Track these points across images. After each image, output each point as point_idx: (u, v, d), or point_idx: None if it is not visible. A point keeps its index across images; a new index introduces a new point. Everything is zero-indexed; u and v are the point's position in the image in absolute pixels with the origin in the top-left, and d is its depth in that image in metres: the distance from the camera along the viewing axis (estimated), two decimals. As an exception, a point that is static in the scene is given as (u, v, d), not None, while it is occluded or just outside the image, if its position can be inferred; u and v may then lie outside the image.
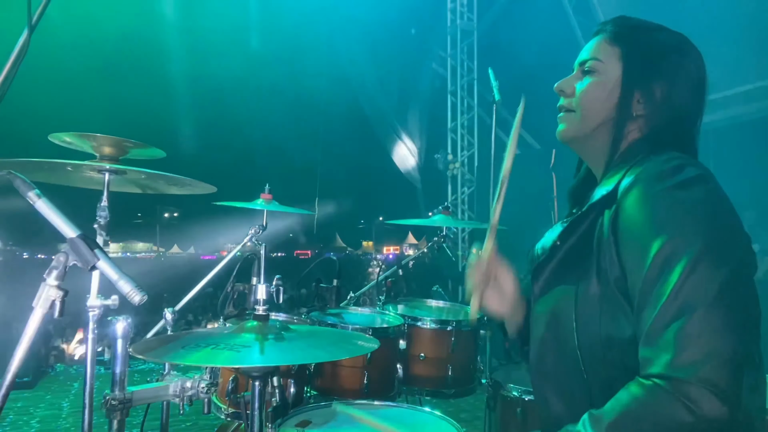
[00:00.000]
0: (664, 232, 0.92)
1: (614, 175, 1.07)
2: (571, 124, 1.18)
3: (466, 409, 4.82)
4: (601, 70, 1.15)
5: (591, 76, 1.16)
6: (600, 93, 1.14)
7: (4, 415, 4.55)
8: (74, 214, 1.14)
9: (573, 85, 1.18)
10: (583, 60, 1.18)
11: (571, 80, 1.19)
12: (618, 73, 1.13)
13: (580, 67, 1.18)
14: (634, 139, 1.12)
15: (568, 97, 1.18)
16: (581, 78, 1.18)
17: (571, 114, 1.18)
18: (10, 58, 1.34)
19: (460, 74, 8.79)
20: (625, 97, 1.12)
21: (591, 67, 1.16)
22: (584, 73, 1.17)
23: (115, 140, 2.00)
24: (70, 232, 1.09)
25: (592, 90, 1.15)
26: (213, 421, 4.40)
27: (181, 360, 1.24)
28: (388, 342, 2.24)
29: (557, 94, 1.21)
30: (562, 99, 1.20)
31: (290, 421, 1.59)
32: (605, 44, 1.16)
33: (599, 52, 1.16)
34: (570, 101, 1.18)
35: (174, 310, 2.33)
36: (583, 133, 1.16)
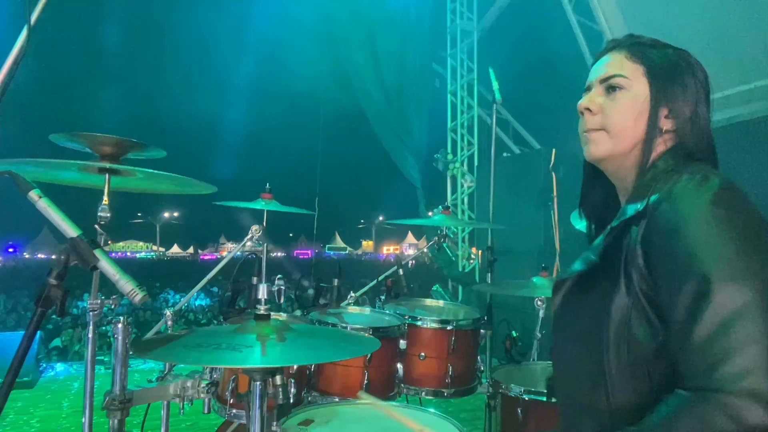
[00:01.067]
0: (700, 247, 0.93)
1: (644, 191, 1.07)
2: (604, 144, 1.15)
3: (466, 409, 4.82)
4: (629, 87, 1.14)
5: (619, 93, 1.14)
6: (632, 110, 1.13)
7: (4, 415, 4.55)
8: (74, 214, 1.15)
9: (599, 103, 1.16)
10: (606, 76, 1.16)
11: (596, 98, 1.17)
12: (645, 89, 1.13)
13: (602, 84, 1.16)
14: (661, 154, 1.13)
15: (594, 115, 1.16)
16: (605, 95, 1.16)
17: (602, 133, 1.15)
18: (10, 58, 1.34)
19: (460, 74, 8.79)
20: (656, 113, 1.12)
21: (618, 83, 1.14)
22: (610, 89, 1.15)
23: (115, 140, 2.00)
24: (70, 232, 1.10)
25: (625, 107, 1.13)
26: (213, 421, 4.40)
27: (181, 360, 1.24)
28: (388, 342, 2.24)
29: (580, 113, 1.18)
30: (587, 118, 1.17)
31: (293, 419, 1.59)
32: (626, 61, 1.15)
33: (623, 69, 1.15)
34: (599, 120, 1.15)
35: (174, 310, 2.34)
36: (618, 152, 1.15)
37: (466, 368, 2.47)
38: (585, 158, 1.23)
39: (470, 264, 8.51)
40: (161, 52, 11.60)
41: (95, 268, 1.08)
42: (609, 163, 1.18)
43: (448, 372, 2.38)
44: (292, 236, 20.11)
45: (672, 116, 1.13)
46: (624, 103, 1.13)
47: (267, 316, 1.44)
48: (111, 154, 2.02)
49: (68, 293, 1.07)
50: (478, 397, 2.57)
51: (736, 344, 0.86)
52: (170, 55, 11.94)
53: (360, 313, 2.60)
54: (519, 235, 6.33)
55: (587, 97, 1.18)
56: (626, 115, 1.13)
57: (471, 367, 2.51)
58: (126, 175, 2.08)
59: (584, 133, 1.18)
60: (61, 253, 1.08)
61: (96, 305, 1.98)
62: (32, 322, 1.04)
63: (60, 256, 1.08)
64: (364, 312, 2.61)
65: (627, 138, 1.13)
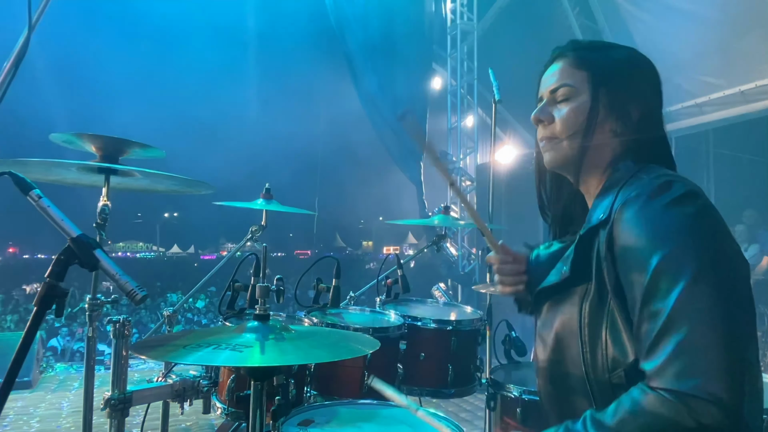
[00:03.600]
0: (661, 249, 0.94)
1: (607, 195, 1.09)
2: (558, 152, 1.18)
3: (466, 409, 4.82)
4: (574, 96, 1.15)
5: (567, 104, 1.16)
6: (579, 118, 1.14)
7: (4, 415, 4.55)
8: (74, 214, 1.15)
9: (551, 113, 1.19)
10: (553, 88, 1.18)
11: (547, 109, 1.20)
12: (588, 95, 1.15)
13: (551, 95, 1.19)
14: (618, 157, 1.14)
15: (548, 125, 1.19)
16: (555, 105, 1.18)
17: (555, 142, 1.18)
18: (10, 58, 1.34)
19: (460, 74, 8.79)
20: (602, 119, 1.13)
21: (564, 94, 1.17)
22: (558, 100, 1.18)
23: (116, 140, 2.01)
24: (70, 232, 1.09)
25: (572, 116, 1.15)
26: (213, 421, 4.40)
27: (181, 360, 1.24)
28: (388, 342, 2.24)
29: (534, 122, 1.22)
30: (540, 128, 1.21)
31: (292, 420, 1.59)
32: (571, 69, 1.17)
33: (568, 78, 1.17)
34: (552, 130, 1.18)
35: (173, 310, 2.34)
36: (571, 159, 1.17)
37: (466, 368, 2.47)
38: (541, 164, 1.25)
39: (470, 264, 8.51)
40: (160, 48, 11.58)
41: (95, 268, 1.08)
42: (567, 171, 1.20)
43: (448, 372, 2.38)
44: (292, 236, 20.12)
45: (621, 118, 1.14)
46: (571, 112, 1.15)
47: (266, 316, 1.44)
48: (111, 154, 2.03)
49: (68, 293, 1.07)
50: (477, 397, 2.57)
51: (695, 346, 0.88)
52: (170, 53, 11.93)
53: (360, 313, 2.60)
54: (519, 235, 6.33)
55: (539, 108, 1.21)
56: (574, 123, 1.15)
57: (471, 367, 2.51)
58: (126, 175, 2.09)
59: (541, 142, 1.22)
60: (60, 253, 1.08)
61: (96, 305, 1.98)
62: (31, 323, 1.04)
63: (60, 256, 1.08)
64: (364, 312, 2.61)
65: (578, 145, 1.15)
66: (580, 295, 1.08)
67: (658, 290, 0.92)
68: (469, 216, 1.43)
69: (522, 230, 6.25)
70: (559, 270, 1.14)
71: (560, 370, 1.12)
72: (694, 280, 0.90)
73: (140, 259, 23.31)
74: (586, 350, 1.05)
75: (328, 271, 2.48)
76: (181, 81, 12.59)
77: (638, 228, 0.98)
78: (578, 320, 1.07)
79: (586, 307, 1.06)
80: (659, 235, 0.95)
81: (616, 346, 1.01)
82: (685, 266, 0.91)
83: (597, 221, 1.07)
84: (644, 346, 0.94)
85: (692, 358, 0.88)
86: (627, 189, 1.05)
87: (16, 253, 15.52)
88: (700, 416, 0.85)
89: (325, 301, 2.49)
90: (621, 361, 1.00)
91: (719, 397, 0.85)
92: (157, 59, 12.00)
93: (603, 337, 1.03)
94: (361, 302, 2.94)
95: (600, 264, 1.04)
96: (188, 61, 12.47)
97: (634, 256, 0.97)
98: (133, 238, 24.96)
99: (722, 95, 5.88)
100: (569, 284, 1.11)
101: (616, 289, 1.01)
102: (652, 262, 0.94)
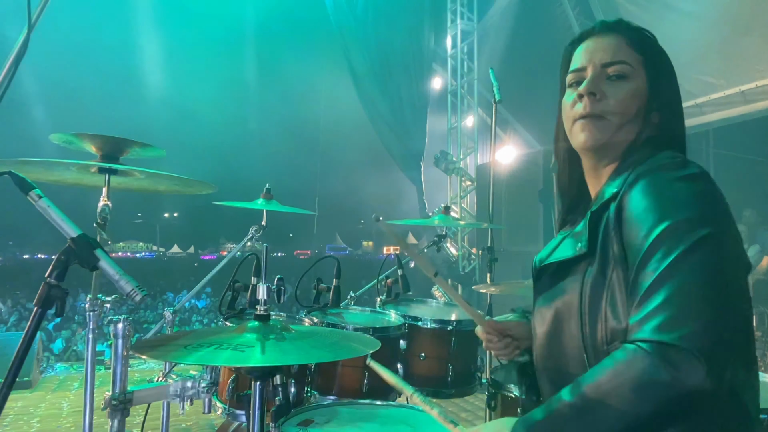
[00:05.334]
0: (669, 217, 0.93)
1: (621, 174, 1.07)
2: (604, 132, 1.10)
3: (466, 409, 4.82)
4: (632, 77, 1.11)
5: (623, 83, 1.11)
6: (635, 101, 1.10)
7: (4, 415, 4.55)
8: (74, 214, 1.14)
9: (603, 89, 1.10)
10: (608, 61, 1.11)
11: (600, 83, 1.11)
12: (644, 81, 1.11)
13: (604, 68, 1.12)
14: (641, 143, 1.12)
15: (599, 100, 1.10)
16: (608, 81, 1.11)
17: (602, 120, 1.10)
18: (10, 58, 1.34)
19: (460, 74, 8.79)
20: (650, 107, 1.11)
21: (623, 71, 1.11)
22: (610, 76, 1.11)
23: (116, 140, 2.01)
24: (71, 232, 1.09)
25: (629, 98, 1.10)
26: (213, 421, 4.40)
27: (181, 360, 1.24)
28: (388, 342, 2.24)
29: (579, 96, 1.12)
30: (587, 103, 1.10)
31: (292, 420, 1.59)
32: (629, 49, 1.12)
33: (627, 56, 1.12)
34: (602, 107, 1.10)
35: (174, 310, 2.34)
36: (612, 141, 1.12)
37: (466, 368, 2.47)
38: (571, 146, 1.18)
39: (470, 264, 8.51)
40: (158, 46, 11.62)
41: (95, 268, 1.08)
42: (602, 151, 1.14)
43: (448, 372, 2.38)
44: (292, 236, 20.11)
45: (661, 109, 1.13)
46: (629, 92, 1.10)
47: (267, 316, 1.44)
48: (111, 154, 2.03)
49: (68, 293, 1.07)
50: (478, 397, 2.56)
51: (684, 302, 0.86)
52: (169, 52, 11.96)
53: (360, 313, 2.60)
54: (519, 235, 6.34)
55: (589, 80, 1.12)
56: (629, 105, 1.10)
57: (471, 367, 2.51)
58: (126, 175, 2.09)
59: (583, 119, 1.11)
60: (61, 253, 1.08)
61: (96, 305, 1.98)
62: (32, 323, 1.04)
63: (60, 256, 1.08)
64: (365, 312, 2.61)
65: (622, 128, 1.11)
66: (582, 270, 1.07)
67: (657, 253, 0.91)
68: (461, 307, 1.42)
69: (522, 230, 6.25)
70: (571, 246, 1.12)
71: (558, 345, 1.10)
72: (696, 248, 0.89)
73: (140, 259, 23.30)
74: (585, 323, 1.04)
75: (329, 272, 2.48)
76: (182, 82, 12.59)
77: (647, 196, 0.97)
78: (579, 294, 1.05)
79: (588, 280, 1.04)
80: (667, 205, 0.94)
81: (615, 317, 0.99)
82: (687, 234, 0.90)
83: (609, 196, 1.05)
84: (634, 301, 0.93)
85: (678, 311, 0.86)
86: (642, 165, 1.03)
87: (16, 253, 15.51)
88: (678, 370, 0.82)
89: (326, 301, 2.49)
90: (619, 332, 0.98)
91: (701, 349, 0.82)
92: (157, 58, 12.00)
93: (602, 309, 1.01)
94: (361, 302, 2.94)
95: (607, 236, 1.03)
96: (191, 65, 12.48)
97: (639, 221, 0.96)
98: (133, 238, 24.96)
99: (722, 95, 5.88)
100: (574, 260, 1.09)
101: (619, 258, 1.00)
102: (656, 229, 0.93)
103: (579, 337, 1.05)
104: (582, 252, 1.07)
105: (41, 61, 9.11)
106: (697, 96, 5.98)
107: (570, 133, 1.16)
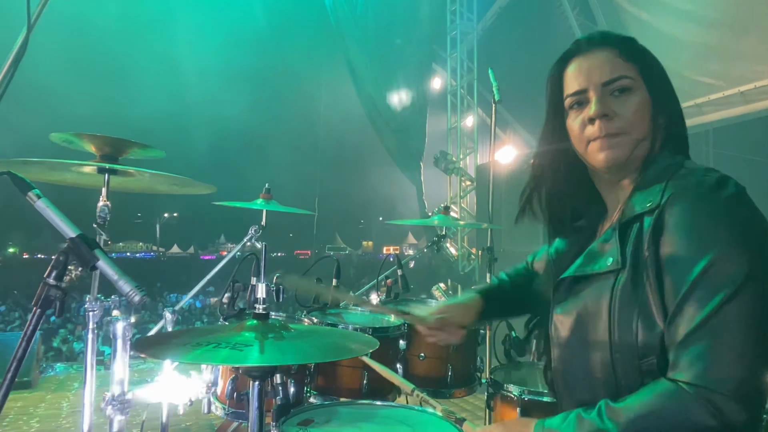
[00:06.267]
0: (716, 246, 0.94)
1: (652, 186, 1.07)
2: (623, 149, 1.11)
3: (466, 409, 4.82)
4: (635, 88, 1.12)
5: (628, 97, 1.12)
6: (642, 110, 1.11)
7: (4, 415, 4.55)
8: (74, 214, 1.14)
9: (612, 108, 1.11)
10: (609, 79, 1.12)
11: (608, 102, 1.12)
12: (644, 89, 1.13)
13: (605, 86, 1.12)
14: (656, 150, 1.13)
15: (612, 120, 1.11)
16: (613, 98, 1.12)
17: (620, 137, 1.11)
18: (9, 57, 1.34)
19: (460, 74, 8.79)
20: (656, 112, 1.12)
21: (626, 85, 1.12)
22: (619, 92, 1.12)
23: (115, 140, 2.00)
24: (69, 232, 1.09)
25: (640, 111, 1.11)
26: (213, 421, 4.40)
27: (181, 359, 1.23)
28: (388, 342, 2.24)
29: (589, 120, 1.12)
30: (603, 124, 1.11)
31: (292, 419, 1.59)
32: (622, 61, 1.13)
33: (624, 70, 1.13)
34: (618, 125, 1.11)
35: (174, 309, 2.34)
36: (633, 155, 1.12)
37: (466, 368, 2.47)
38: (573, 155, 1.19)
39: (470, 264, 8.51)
40: (158, 45, 11.57)
41: (94, 268, 1.08)
42: (624, 167, 1.14)
43: (448, 372, 2.38)
44: (292, 236, 20.09)
45: (664, 112, 1.14)
46: (636, 104, 1.11)
47: (266, 315, 1.44)
48: (110, 154, 2.03)
49: (67, 294, 1.06)
50: (478, 397, 2.56)
51: (728, 352, 0.90)
52: (168, 51, 11.91)
53: (360, 313, 2.60)
54: (519, 235, 6.33)
55: (600, 101, 1.11)
56: (641, 116, 1.11)
57: (471, 367, 2.51)
58: (126, 175, 2.09)
59: (600, 139, 1.12)
60: (60, 253, 1.08)
61: (95, 305, 1.98)
62: (31, 323, 1.04)
63: (59, 257, 1.07)
64: (364, 312, 2.61)
65: (639, 141, 1.12)
66: (610, 280, 1.06)
67: (703, 287, 0.93)
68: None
69: (522, 230, 6.24)
70: (600, 260, 1.10)
71: (582, 354, 1.10)
72: (741, 285, 0.91)
73: (140, 259, 23.30)
74: (615, 335, 1.04)
75: (329, 271, 2.48)
76: (181, 82, 12.59)
77: (693, 219, 0.98)
78: (608, 305, 1.05)
79: (618, 291, 1.04)
80: (713, 231, 0.95)
81: (648, 332, 1.00)
82: (734, 269, 0.92)
83: (643, 209, 1.04)
84: (676, 338, 0.94)
85: (724, 360, 0.89)
86: (677, 179, 1.04)
87: (16, 253, 15.48)
88: (723, 415, 0.87)
89: (325, 301, 2.48)
90: (653, 347, 0.99)
91: (743, 396, 0.87)
92: (157, 58, 12.00)
93: (635, 322, 1.02)
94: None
95: (639, 250, 1.03)
96: (189, 59, 12.48)
97: (684, 246, 0.97)
98: (133, 238, 24.93)
99: (722, 96, 5.88)
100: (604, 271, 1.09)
101: (654, 273, 1.00)
102: (702, 256, 0.94)
103: (607, 346, 1.05)
104: (616, 267, 1.07)
105: (41, 60, 9.13)
106: (696, 96, 5.98)
107: (586, 153, 1.16)
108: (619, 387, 1.04)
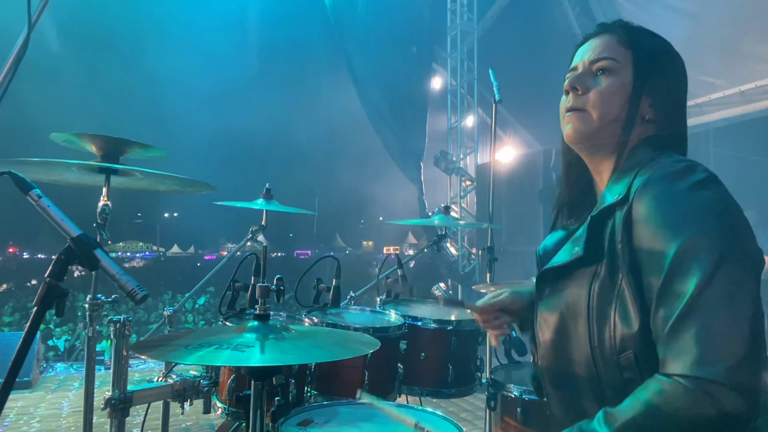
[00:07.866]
0: (684, 232, 0.93)
1: (624, 178, 1.07)
2: (584, 125, 1.14)
3: (466, 409, 4.82)
4: (617, 71, 1.13)
5: (606, 77, 1.13)
6: (617, 94, 1.12)
7: (4, 415, 4.55)
8: (74, 214, 1.14)
9: (586, 83, 1.14)
10: (594, 59, 1.15)
11: (583, 78, 1.15)
12: (630, 76, 1.13)
13: (591, 65, 1.15)
14: (640, 142, 1.13)
15: (580, 95, 1.14)
16: (593, 77, 1.15)
17: (583, 114, 1.14)
18: (10, 57, 1.34)
19: (460, 74, 8.79)
20: (637, 101, 1.12)
21: (607, 66, 1.14)
22: (598, 72, 1.14)
23: (115, 140, 2.01)
24: (71, 232, 1.09)
25: (611, 91, 1.12)
26: (213, 421, 4.40)
27: (181, 360, 1.23)
28: (388, 342, 2.24)
29: (566, 92, 1.16)
30: (571, 98, 1.15)
31: (292, 420, 1.59)
32: (618, 45, 1.14)
33: (613, 53, 1.14)
34: (583, 101, 1.14)
35: (173, 309, 2.34)
36: (596, 135, 1.13)
37: (466, 368, 2.47)
38: (563, 141, 1.22)
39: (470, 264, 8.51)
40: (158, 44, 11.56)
41: (95, 268, 1.08)
42: (586, 146, 1.17)
43: (448, 372, 2.38)
44: (292, 236, 20.12)
45: (654, 106, 1.13)
46: (611, 86, 1.12)
47: (267, 315, 1.44)
48: (111, 154, 2.03)
49: (67, 293, 1.06)
50: (477, 397, 2.56)
51: (716, 333, 0.88)
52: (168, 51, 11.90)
53: (360, 313, 2.60)
54: (519, 235, 6.34)
55: (574, 75, 1.16)
56: (611, 98, 1.12)
57: (471, 367, 2.51)
58: (126, 175, 2.09)
59: (568, 113, 1.16)
60: (61, 253, 1.08)
61: (95, 305, 1.98)
62: (31, 322, 1.04)
63: (60, 256, 1.07)
64: (365, 312, 2.61)
65: (607, 122, 1.12)
66: (588, 276, 1.06)
67: (678, 275, 0.91)
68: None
69: (522, 230, 6.25)
70: (568, 251, 1.12)
71: (565, 352, 1.10)
72: (717, 268, 0.89)
73: (140, 259, 23.27)
74: (594, 330, 1.04)
75: (328, 271, 2.48)
76: (182, 80, 12.59)
77: (660, 209, 0.97)
78: (586, 300, 1.05)
79: (596, 287, 1.04)
80: (681, 218, 0.94)
81: (625, 324, 0.99)
82: (706, 252, 0.91)
83: (612, 201, 1.05)
84: (662, 332, 0.93)
85: (712, 345, 0.87)
86: (646, 170, 1.03)
87: (16, 253, 15.50)
88: (722, 404, 0.85)
89: (326, 301, 2.49)
90: (629, 342, 0.99)
91: (739, 383, 0.85)
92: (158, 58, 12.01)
93: (612, 317, 1.01)
94: (361, 302, 2.94)
95: (614, 244, 1.03)
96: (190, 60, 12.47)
97: (654, 237, 0.96)
98: (133, 238, 24.91)
99: (722, 95, 5.89)
100: (577, 265, 1.09)
101: (630, 269, 0.99)
102: (673, 246, 0.93)
103: (587, 344, 1.05)
104: (578, 256, 1.08)
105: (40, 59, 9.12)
106: (697, 96, 5.99)
107: (562, 128, 1.20)
108: (602, 384, 1.04)
